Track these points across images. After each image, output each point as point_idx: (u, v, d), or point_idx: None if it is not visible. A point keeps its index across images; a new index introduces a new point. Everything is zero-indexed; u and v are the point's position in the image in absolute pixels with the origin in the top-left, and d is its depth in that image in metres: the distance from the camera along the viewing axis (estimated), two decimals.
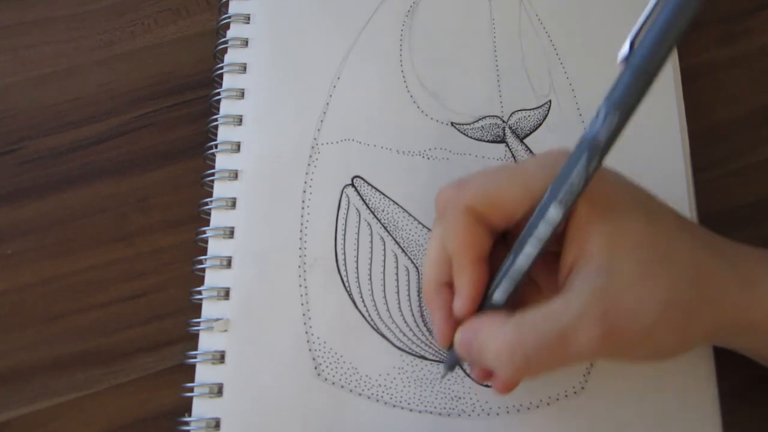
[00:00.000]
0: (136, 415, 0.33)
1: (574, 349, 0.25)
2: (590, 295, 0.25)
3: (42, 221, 0.37)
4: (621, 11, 0.38)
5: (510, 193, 0.26)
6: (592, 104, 0.37)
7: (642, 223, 0.26)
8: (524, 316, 0.25)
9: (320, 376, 0.32)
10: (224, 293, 0.33)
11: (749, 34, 0.40)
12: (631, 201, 0.26)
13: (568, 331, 0.24)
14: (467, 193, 0.27)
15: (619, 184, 0.27)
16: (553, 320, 0.25)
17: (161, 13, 0.40)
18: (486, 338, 0.26)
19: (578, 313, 0.24)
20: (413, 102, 0.37)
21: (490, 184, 0.27)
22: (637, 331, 0.25)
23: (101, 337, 0.35)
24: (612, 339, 0.25)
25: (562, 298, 0.25)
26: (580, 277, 0.25)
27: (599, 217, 0.25)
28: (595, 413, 0.31)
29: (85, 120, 0.38)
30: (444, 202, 0.28)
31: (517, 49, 0.38)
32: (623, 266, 0.25)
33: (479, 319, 0.27)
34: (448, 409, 0.32)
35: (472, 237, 0.27)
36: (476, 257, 0.27)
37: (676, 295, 0.25)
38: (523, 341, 0.25)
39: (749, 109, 0.38)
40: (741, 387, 0.33)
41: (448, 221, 0.27)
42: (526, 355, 0.25)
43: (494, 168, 0.28)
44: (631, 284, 0.25)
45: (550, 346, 0.25)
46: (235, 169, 0.35)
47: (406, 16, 0.39)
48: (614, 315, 0.24)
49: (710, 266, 0.26)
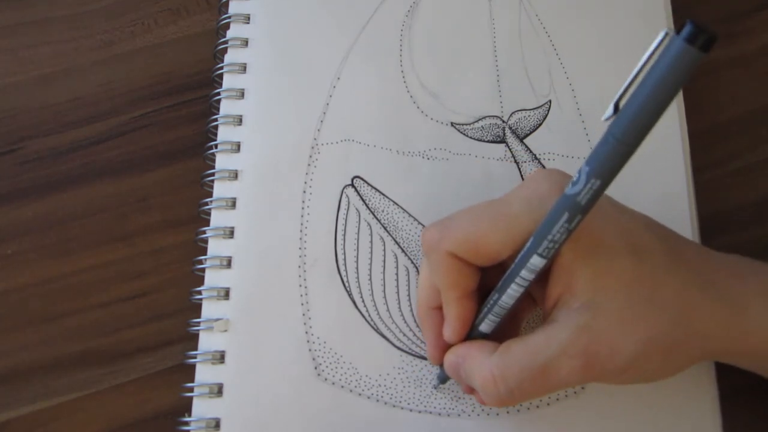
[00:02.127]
0: (136, 415, 0.33)
1: (555, 381, 0.26)
2: (572, 331, 0.25)
3: (42, 221, 0.37)
4: (621, 11, 0.38)
5: (493, 238, 0.26)
6: (592, 104, 0.37)
7: (628, 262, 0.26)
8: (509, 348, 0.26)
9: (320, 376, 0.32)
10: (224, 293, 0.33)
11: (749, 34, 0.40)
12: (618, 239, 0.26)
13: (550, 364, 0.25)
14: (449, 240, 0.27)
15: (607, 220, 0.26)
16: (535, 354, 0.25)
17: (161, 13, 0.40)
18: (472, 367, 0.27)
19: (560, 348, 0.25)
20: (413, 102, 0.37)
21: (473, 230, 0.27)
22: (616, 366, 0.25)
23: (101, 337, 0.35)
24: (592, 371, 0.25)
25: (545, 331, 0.26)
26: (563, 313, 0.26)
27: (584, 258, 0.26)
28: (595, 413, 0.31)
29: (85, 120, 0.38)
30: (427, 246, 0.28)
31: (517, 49, 0.38)
32: (607, 306, 0.25)
33: (466, 347, 0.28)
34: (448, 409, 0.32)
35: (457, 277, 0.27)
36: (462, 294, 0.28)
37: (657, 332, 0.26)
38: (506, 375, 0.26)
39: (749, 109, 0.38)
40: (741, 387, 0.33)
41: (433, 264, 0.28)
42: (509, 387, 0.26)
43: (478, 208, 0.28)
44: (613, 323, 0.25)
45: (532, 378, 0.25)
46: (235, 169, 0.35)
47: (406, 16, 0.39)
48: (594, 350, 0.25)
49: (697, 302, 0.26)
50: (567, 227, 0.24)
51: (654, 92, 0.19)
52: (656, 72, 0.19)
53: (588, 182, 0.22)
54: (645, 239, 0.27)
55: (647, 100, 0.20)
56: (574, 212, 0.23)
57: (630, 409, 0.32)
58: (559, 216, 0.24)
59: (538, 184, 0.27)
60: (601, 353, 0.25)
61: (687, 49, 0.19)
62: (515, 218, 0.26)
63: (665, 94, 0.19)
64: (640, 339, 0.25)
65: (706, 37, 0.19)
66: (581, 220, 0.23)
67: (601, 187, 0.22)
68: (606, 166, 0.22)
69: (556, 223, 0.24)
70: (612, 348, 0.25)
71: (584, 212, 0.23)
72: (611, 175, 0.22)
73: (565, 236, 0.24)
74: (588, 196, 0.23)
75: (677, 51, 0.19)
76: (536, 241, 0.25)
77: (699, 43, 0.19)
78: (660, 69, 0.19)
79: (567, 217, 0.23)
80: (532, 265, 0.25)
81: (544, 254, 0.25)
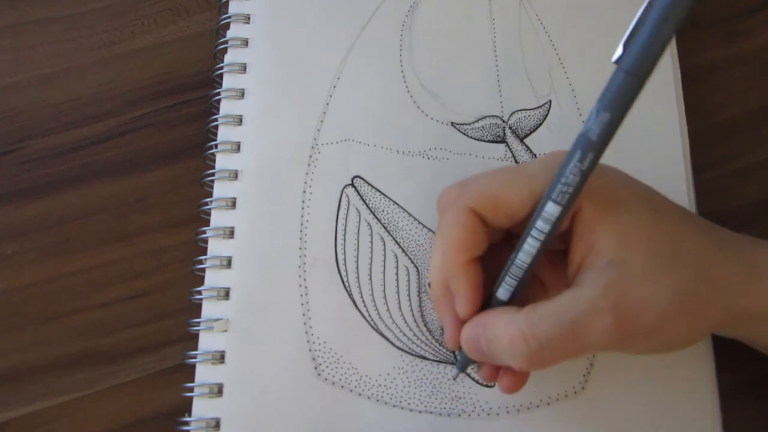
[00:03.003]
0: (136, 415, 0.33)
1: (587, 339, 0.25)
2: (601, 288, 0.25)
3: (42, 221, 0.37)
4: (621, 11, 0.38)
5: (512, 194, 0.26)
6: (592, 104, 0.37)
7: (648, 218, 0.26)
8: (536, 308, 0.26)
9: (320, 376, 0.32)
10: (224, 293, 0.33)
11: (749, 34, 0.40)
12: (635, 197, 0.26)
13: (581, 322, 0.25)
14: (469, 194, 0.27)
15: (622, 181, 0.27)
16: (565, 311, 0.25)
17: (161, 13, 0.40)
18: (497, 330, 0.26)
19: (590, 305, 0.25)
20: (413, 102, 0.37)
21: (493, 185, 0.27)
22: (648, 322, 0.25)
23: (101, 337, 0.35)
24: (624, 329, 0.25)
25: (573, 291, 0.25)
26: (590, 273, 0.26)
27: (605, 215, 0.26)
28: (595, 413, 0.31)
29: (85, 120, 0.38)
30: (445, 203, 0.28)
31: (517, 49, 0.38)
32: (632, 260, 0.25)
33: (487, 315, 0.27)
34: (448, 409, 0.32)
35: (469, 235, 0.27)
36: (469, 258, 0.27)
37: (685, 286, 0.26)
38: (537, 330, 0.25)
39: (749, 109, 0.38)
40: (741, 385, 0.33)
41: (448, 220, 0.28)
42: (540, 342, 0.25)
43: (497, 169, 0.28)
44: (640, 277, 0.25)
45: (563, 335, 0.25)
46: (235, 169, 0.35)
47: (406, 16, 0.39)
48: (625, 306, 0.25)
49: (716, 259, 0.27)
50: (579, 167, 0.23)
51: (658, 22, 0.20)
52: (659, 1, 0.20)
53: (597, 116, 0.22)
54: (660, 199, 0.27)
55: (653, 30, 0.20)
56: (586, 149, 0.23)
57: (630, 408, 0.32)
58: (572, 156, 0.24)
59: (556, 153, 0.27)
60: (631, 309, 0.25)
61: None
62: (533, 176, 0.26)
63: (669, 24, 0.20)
64: (667, 294, 0.25)
65: None
66: (594, 159, 0.23)
67: (611, 121, 0.22)
68: (614, 98, 0.22)
69: (569, 163, 0.24)
70: (641, 303, 0.25)
71: (596, 150, 0.23)
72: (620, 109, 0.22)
73: (578, 179, 0.24)
74: (598, 130, 0.22)
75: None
76: (551, 188, 0.25)
77: None
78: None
79: (579, 156, 0.23)
80: (548, 214, 0.25)
81: (558, 199, 0.24)
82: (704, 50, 0.39)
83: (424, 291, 0.34)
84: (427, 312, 0.33)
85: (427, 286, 0.34)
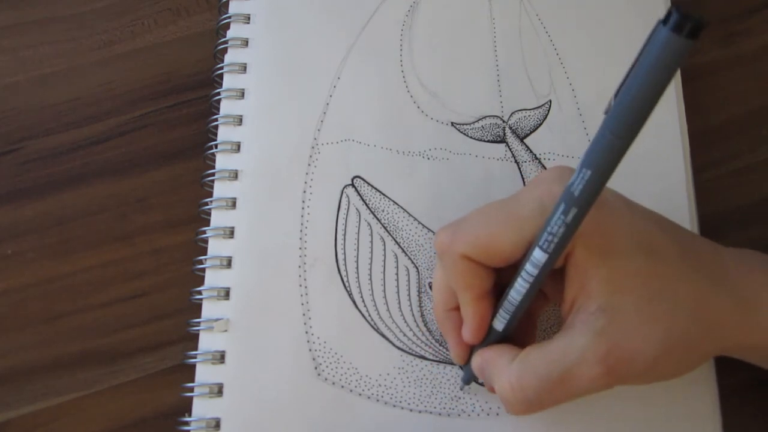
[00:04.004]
0: (136, 415, 0.33)
1: (575, 389, 0.25)
2: (591, 336, 0.25)
3: (42, 221, 0.37)
4: (621, 11, 0.38)
5: (505, 239, 0.26)
6: (592, 104, 0.37)
7: (641, 260, 0.26)
8: (526, 358, 0.26)
9: (320, 376, 0.32)
10: (224, 293, 0.33)
11: (749, 34, 0.40)
12: (630, 238, 0.26)
13: (571, 372, 0.25)
14: (461, 242, 0.27)
15: (619, 221, 0.26)
16: (555, 362, 0.25)
17: (161, 13, 0.40)
18: (492, 374, 0.27)
19: (580, 355, 0.25)
20: (413, 102, 0.37)
21: (484, 232, 0.27)
22: (637, 368, 0.25)
23: (101, 337, 0.35)
24: (613, 376, 0.25)
25: (564, 338, 0.26)
26: (581, 316, 0.26)
27: (597, 258, 0.25)
28: (594, 413, 0.31)
29: (85, 120, 0.38)
30: (440, 250, 0.28)
31: (517, 49, 0.38)
32: (623, 307, 0.25)
33: (490, 351, 0.28)
34: (448, 409, 0.32)
35: (471, 279, 0.27)
36: (478, 294, 0.28)
37: (677, 329, 0.26)
38: (524, 385, 0.26)
39: (749, 109, 0.38)
40: (741, 387, 0.33)
41: (446, 267, 0.28)
42: (526, 397, 0.26)
43: (490, 209, 0.28)
44: (632, 324, 0.25)
45: (551, 387, 0.25)
46: (235, 169, 0.35)
47: (406, 15, 0.39)
48: (616, 355, 0.25)
49: (710, 297, 0.26)
50: (563, 219, 0.23)
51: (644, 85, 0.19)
52: (645, 64, 0.19)
53: (579, 172, 0.22)
54: (657, 239, 0.27)
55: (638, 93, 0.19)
56: (569, 203, 0.23)
57: (630, 409, 0.32)
58: (557, 208, 0.24)
59: (551, 185, 0.26)
60: (622, 358, 0.25)
61: (674, 38, 0.18)
62: (526, 220, 0.26)
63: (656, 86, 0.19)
64: (659, 339, 0.25)
65: (693, 23, 0.17)
66: (578, 213, 0.23)
67: (592, 178, 0.22)
68: (598, 157, 0.21)
69: (554, 215, 0.24)
70: (632, 351, 0.25)
71: (579, 204, 0.23)
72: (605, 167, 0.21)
73: (563, 229, 0.24)
74: (580, 187, 0.22)
75: (664, 41, 0.18)
76: (540, 234, 0.25)
77: (686, 31, 0.18)
78: (649, 60, 0.19)
79: (563, 209, 0.23)
80: (535, 259, 0.25)
81: (544, 247, 0.24)
82: (704, 50, 0.39)
83: (424, 291, 0.34)
84: (427, 312, 0.33)
85: (427, 286, 0.34)
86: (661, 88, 0.19)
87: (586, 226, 0.24)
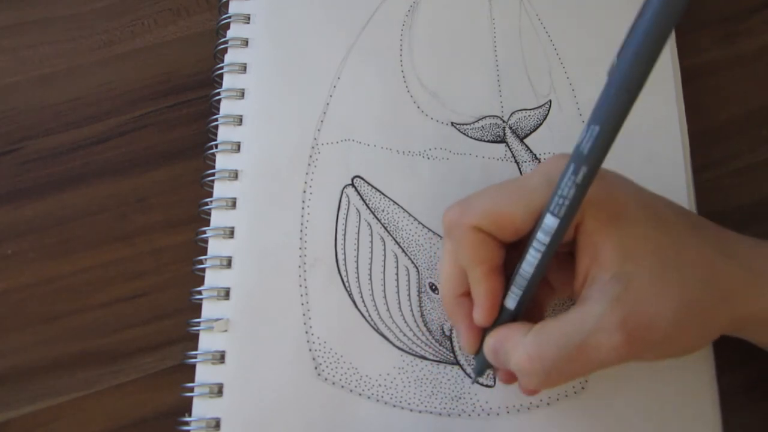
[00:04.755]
0: (136, 415, 0.33)
1: (595, 358, 0.25)
2: (607, 304, 0.25)
3: (42, 221, 0.37)
4: (621, 11, 0.38)
5: (513, 212, 0.26)
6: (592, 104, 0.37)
7: (651, 228, 0.26)
8: (543, 328, 0.26)
9: (320, 376, 0.32)
10: (224, 293, 0.33)
11: (749, 34, 0.40)
12: (639, 207, 0.26)
13: (589, 342, 0.25)
14: (471, 215, 0.27)
15: (626, 190, 0.27)
16: (572, 332, 0.25)
17: (161, 13, 0.40)
18: (508, 349, 0.27)
19: (597, 323, 0.25)
20: (413, 102, 0.37)
21: (493, 204, 0.27)
22: (656, 335, 0.25)
23: (101, 337, 0.35)
24: (633, 344, 0.25)
25: (580, 308, 0.25)
26: (595, 287, 0.26)
27: (608, 227, 0.26)
28: (595, 413, 0.31)
29: (85, 120, 0.38)
30: (449, 223, 0.28)
31: (517, 49, 0.38)
32: (637, 273, 0.25)
33: (504, 329, 0.28)
34: (448, 409, 0.32)
35: (483, 251, 0.27)
36: (489, 269, 0.27)
37: (691, 296, 0.25)
38: (543, 354, 0.25)
39: (749, 109, 0.38)
40: (741, 387, 0.33)
41: (457, 240, 0.28)
42: (545, 368, 0.25)
43: (498, 184, 0.28)
44: (647, 290, 0.25)
45: (570, 357, 0.25)
46: (235, 169, 0.35)
47: (407, 15, 0.39)
48: (633, 321, 0.25)
49: (721, 265, 0.27)
50: (573, 179, 0.23)
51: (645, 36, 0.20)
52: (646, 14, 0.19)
53: (588, 129, 0.22)
54: (664, 207, 0.27)
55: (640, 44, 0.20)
56: (579, 162, 0.23)
57: (630, 408, 0.32)
58: (567, 169, 0.23)
59: (558, 161, 0.27)
60: (640, 324, 0.25)
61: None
62: (534, 190, 0.26)
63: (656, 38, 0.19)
64: (675, 306, 0.25)
65: None
66: (588, 172, 0.23)
67: (601, 133, 0.22)
68: (605, 112, 0.22)
69: (564, 177, 0.24)
70: (650, 317, 0.25)
71: (589, 162, 0.23)
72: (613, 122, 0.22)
73: (573, 190, 0.24)
74: (589, 144, 0.22)
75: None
76: (550, 200, 0.25)
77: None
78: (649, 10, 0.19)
79: (573, 169, 0.23)
80: (546, 226, 0.25)
81: (555, 212, 0.24)
82: (704, 50, 0.39)
83: (424, 291, 0.34)
84: (427, 312, 0.33)
85: (427, 286, 0.34)
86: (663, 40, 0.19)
87: (594, 195, 0.24)
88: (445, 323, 0.33)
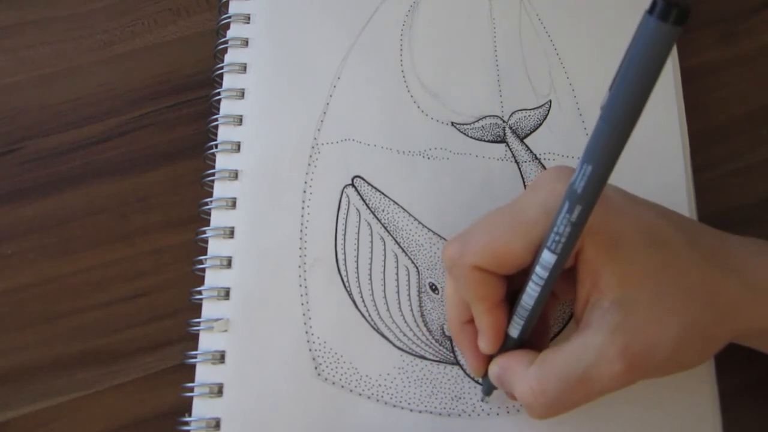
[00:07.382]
0: (136, 415, 0.33)
1: (597, 388, 0.25)
2: (607, 333, 0.25)
3: (42, 221, 0.37)
4: (621, 11, 0.38)
5: (513, 248, 0.26)
6: (592, 104, 0.37)
7: (650, 253, 0.26)
8: (545, 361, 0.26)
9: (320, 376, 0.32)
10: (224, 293, 0.33)
11: (749, 34, 0.40)
12: (636, 232, 0.26)
13: (590, 373, 0.25)
14: (471, 253, 0.27)
15: (623, 215, 0.26)
16: (573, 363, 0.25)
17: (161, 13, 0.40)
18: (512, 380, 0.27)
19: (597, 354, 0.25)
20: (413, 102, 0.37)
21: (492, 240, 0.27)
22: (657, 360, 0.25)
23: (101, 337, 0.35)
24: (633, 371, 0.25)
25: (580, 338, 0.26)
26: (595, 313, 0.26)
27: (606, 254, 0.25)
28: (595, 413, 0.31)
29: (85, 120, 0.38)
30: (449, 262, 0.28)
31: (517, 49, 0.38)
32: (636, 299, 0.25)
33: (507, 358, 0.28)
34: (448, 409, 0.32)
35: (484, 289, 0.27)
36: (491, 304, 0.27)
37: (691, 318, 0.26)
38: (545, 388, 0.26)
39: (749, 109, 0.38)
40: (741, 387, 0.33)
41: (458, 279, 0.28)
42: (549, 401, 0.26)
43: (495, 215, 0.28)
44: (646, 316, 0.25)
45: (572, 389, 0.25)
46: (235, 169, 0.35)
47: (407, 15, 0.39)
48: (633, 349, 0.25)
49: (721, 284, 0.27)
50: (568, 218, 0.23)
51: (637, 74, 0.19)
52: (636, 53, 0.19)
53: (581, 168, 0.22)
54: (663, 229, 0.27)
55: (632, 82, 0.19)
56: (573, 201, 0.23)
57: (630, 409, 0.32)
58: (562, 207, 0.23)
59: (553, 186, 0.26)
60: (640, 351, 0.25)
61: (661, 26, 0.18)
62: (532, 223, 0.26)
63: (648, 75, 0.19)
64: (675, 330, 0.25)
65: (678, 10, 0.17)
66: (583, 211, 0.23)
67: (594, 172, 0.22)
68: (597, 151, 0.21)
69: (560, 214, 0.24)
70: (650, 344, 0.25)
71: (583, 201, 0.23)
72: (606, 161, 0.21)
73: (569, 228, 0.24)
74: (582, 183, 0.22)
75: (652, 29, 0.18)
76: (546, 237, 0.25)
77: (672, 18, 0.18)
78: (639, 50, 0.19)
79: (567, 207, 0.23)
80: (544, 261, 0.25)
81: (552, 248, 0.24)
82: (704, 50, 0.39)
83: (424, 291, 0.34)
84: (427, 312, 0.33)
85: (427, 286, 0.34)
86: (654, 77, 0.19)
87: (592, 223, 0.24)
88: (445, 323, 0.33)
